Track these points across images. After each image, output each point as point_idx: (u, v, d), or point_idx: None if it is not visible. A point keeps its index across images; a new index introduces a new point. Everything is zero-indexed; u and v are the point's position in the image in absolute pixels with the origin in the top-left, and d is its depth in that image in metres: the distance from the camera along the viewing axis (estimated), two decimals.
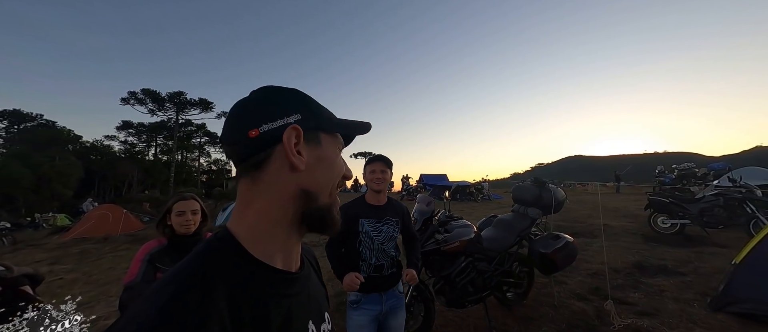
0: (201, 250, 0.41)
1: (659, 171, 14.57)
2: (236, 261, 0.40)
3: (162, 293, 0.35)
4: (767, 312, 2.45)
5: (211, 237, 0.43)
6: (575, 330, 2.63)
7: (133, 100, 29.45)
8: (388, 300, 1.62)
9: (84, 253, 7.92)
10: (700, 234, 5.78)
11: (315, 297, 0.52)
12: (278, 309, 0.41)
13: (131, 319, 0.33)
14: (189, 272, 0.38)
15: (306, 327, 0.46)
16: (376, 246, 1.60)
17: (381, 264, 1.60)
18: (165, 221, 1.55)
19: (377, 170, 1.66)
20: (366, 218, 1.63)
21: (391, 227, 1.65)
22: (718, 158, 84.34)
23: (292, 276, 0.46)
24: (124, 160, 31.29)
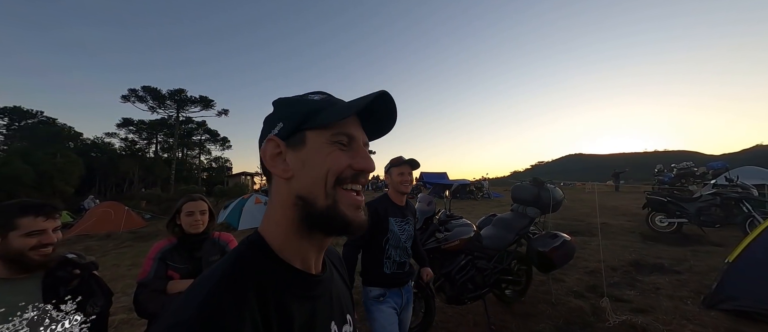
0: (234, 253, 0.44)
1: (658, 169, 14.63)
2: (265, 263, 0.43)
3: (199, 292, 0.37)
4: (758, 309, 2.52)
5: (243, 240, 0.47)
6: (572, 327, 2.70)
7: (133, 97, 29.48)
8: (405, 293, 1.75)
9: (87, 250, 8.01)
10: (697, 233, 5.84)
11: (337, 298, 0.53)
12: (301, 310, 0.43)
13: (172, 316, 0.36)
14: (224, 273, 0.40)
15: (328, 327, 0.47)
16: (401, 245, 1.70)
17: (403, 262, 1.71)
18: (175, 221, 1.61)
19: (406, 173, 1.74)
20: (394, 217, 1.72)
21: (411, 226, 1.77)
22: (717, 157, 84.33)
23: (315, 278, 0.48)
24: (124, 158, 31.35)
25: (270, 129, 0.47)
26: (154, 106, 30.93)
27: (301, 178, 0.44)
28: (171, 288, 1.44)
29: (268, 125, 0.48)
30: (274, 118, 0.48)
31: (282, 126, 0.46)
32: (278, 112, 0.48)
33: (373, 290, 1.68)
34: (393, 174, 1.76)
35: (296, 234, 0.46)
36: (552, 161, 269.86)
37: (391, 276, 1.67)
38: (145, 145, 37.21)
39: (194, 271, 1.51)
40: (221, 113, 34.11)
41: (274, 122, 0.47)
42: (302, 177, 0.44)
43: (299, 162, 0.44)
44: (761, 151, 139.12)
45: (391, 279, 1.67)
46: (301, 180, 0.44)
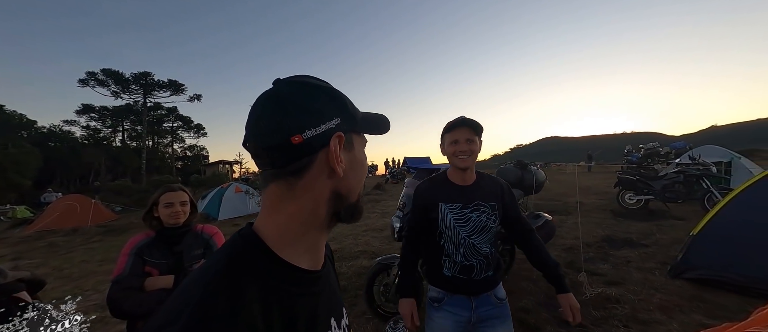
0: (228, 251, 0.41)
1: (627, 150, 15.50)
2: (264, 262, 0.41)
3: (193, 294, 0.35)
4: (717, 277, 2.75)
5: (236, 236, 0.43)
6: (551, 302, 2.83)
7: (92, 81, 27.12)
8: (480, 307, 1.25)
9: (52, 247, 7.48)
10: (662, 208, 6.28)
11: (334, 292, 0.53)
12: (304, 309, 0.42)
13: (164, 318, 0.33)
14: (218, 272, 0.37)
15: (329, 323, 0.47)
16: (462, 240, 1.23)
17: (470, 264, 1.23)
18: (152, 213, 1.48)
19: (462, 140, 1.22)
20: (448, 202, 1.26)
21: (483, 215, 1.24)
22: (678, 137, 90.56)
23: (317, 274, 0.46)
24: (88, 147, 29.15)
25: (324, 118, 0.42)
26: (118, 90, 28.67)
27: (349, 178, 0.45)
28: (149, 285, 1.33)
29: (316, 109, 0.42)
30: (328, 107, 0.43)
31: (340, 122, 0.44)
32: (334, 103, 0.45)
33: (431, 290, 1.33)
34: (445, 144, 1.28)
35: (317, 229, 0.45)
36: (530, 144, 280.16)
37: (452, 280, 1.26)
38: (110, 133, 34.75)
39: (175, 266, 1.41)
40: (193, 98, 32.23)
41: (329, 112, 0.43)
42: (349, 177, 0.46)
43: (349, 162, 0.45)
44: (716, 131, 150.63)
45: (452, 283, 1.26)
46: (347, 179, 0.45)
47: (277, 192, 0.43)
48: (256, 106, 0.42)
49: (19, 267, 5.51)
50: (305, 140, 0.40)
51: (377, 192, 13.47)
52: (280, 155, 0.41)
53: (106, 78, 27.54)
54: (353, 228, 6.43)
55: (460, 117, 1.25)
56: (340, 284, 2.73)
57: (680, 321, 2.35)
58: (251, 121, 0.42)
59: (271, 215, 0.43)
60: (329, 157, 0.42)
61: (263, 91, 0.44)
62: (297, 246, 0.44)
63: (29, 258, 6.38)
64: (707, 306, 2.50)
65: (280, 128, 0.40)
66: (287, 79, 0.45)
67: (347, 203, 0.46)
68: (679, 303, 2.59)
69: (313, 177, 0.42)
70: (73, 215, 10.53)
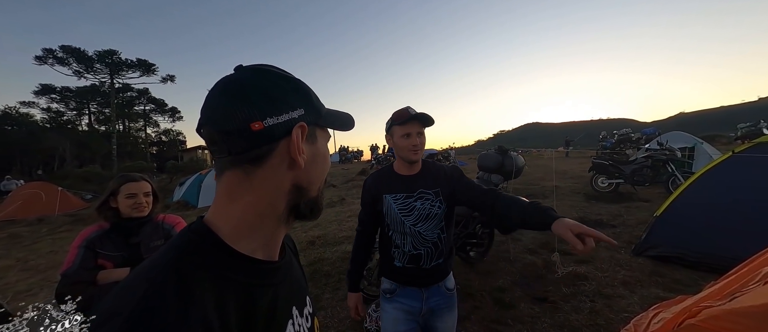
0: (177, 244, 0.39)
1: (603, 136, 16.22)
2: (217, 254, 0.39)
3: (136, 289, 0.33)
4: (675, 254, 2.98)
5: (186, 230, 0.41)
6: (527, 280, 2.98)
7: (51, 58, 24.78)
8: (430, 298, 1.28)
9: (14, 237, 7.03)
10: (630, 191, 6.67)
11: (297, 282, 0.52)
12: (263, 300, 0.41)
13: (108, 309, 0.31)
14: (166, 267, 0.35)
15: (290, 313, 0.47)
16: (408, 230, 1.23)
17: (418, 253, 1.24)
18: (108, 203, 1.39)
19: (414, 133, 1.21)
20: (391, 193, 1.27)
21: (427, 203, 1.23)
22: (649, 124, 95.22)
23: (275, 265, 0.46)
24: (50, 131, 27.09)
25: (287, 107, 0.41)
26: (81, 70, 26.43)
27: (309, 171, 0.45)
28: (102, 278, 1.27)
29: (279, 98, 0.41)
30: (292, 97, 0.43)
31: (303, 113, 0.43)
32: (297, 94, 0.44)
33: (384, 282, 1.35)
34: (395, 136, 1.24)
35: (274, 222, 0.44)
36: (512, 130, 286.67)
37: (402, 271, 1.27)
38: (74, 116, 32.36)
39: (131, 259, 1.35)
40: (166, 79, 30.25)
41: (292, 102, 0.42)
42: (310, 170, 0.45)
43: (311, 154, 0.45)
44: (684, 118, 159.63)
45: (403, 274, 1.28)
46: (308, 172, 0.45)
47: (233, 180, 0.41)
48: (215, 90, 0.41)
49: None
50: (266, 127, 0.39)
51: (362, 178, 13.44)
52: (238, 141, 0.39)
53: (67, 55, 25.25)
54: (337, 214, 6.43)
55: (409, 109, 1.22)
56: (324, 269, 2.75)
57: (640, 294, 2.55)
58: (209, 105, 0.40)
59: (226, 205, 0.42)
60: (291, 147, 0.41)
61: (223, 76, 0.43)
62: (253, 238, 0.43)
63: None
64: (665, 281, 2.72)
65: (239, 114, 0.38)
66: (250, 66, 0.43)
67: (307, 197, 0.46)
68: (640, 279, 2.80)
69: (272, 166, 0.41)
70: (37, 203, 9.90)
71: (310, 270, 3.46)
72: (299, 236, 4.95)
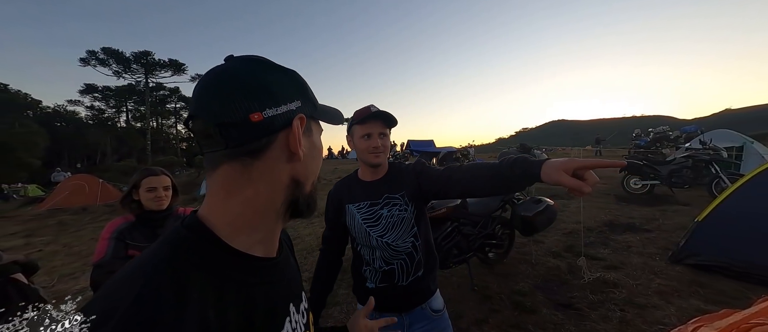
0: (170, 240, 0.37)
1: (636, 134, 15.18)
2: (214, 252, 0.38)
3: (129, 288, 0.31)
4: (718, 263, 2.72)
5: (179, 227, 0.39)
6: (549, 284, 2.84)
7: (93, 60, 26.82)
8: (414, 325, 1.10)
9: (62, 224, 7.70)
10: (667, 193, 6.19)
11: (293, 278, 0.52)
12: (262, 299, 0.41)
13: (97, 320, 0.30)
14: (160, 265, 0.34)
15: (288, 310, 0.46)
16: (375, 242, 1.08)
17: (391, 268, 1.08)
18: (131, 196, 1.46)
19: (375, 133, 1.06)
20: (354, 202, 1.13)
21: (395, 208, 1.08)
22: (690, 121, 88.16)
23: (272, 262, 0.45)
24: (93, 127, 29.34)
25: (285, 99, 0.41)
26: (119, 70, 28.41)
27: (307, 164, 0.45)
28: None
29: (277, 90, 0.40)
30: (289, 89, 0.42)
31: (300, 105, 0.43)
32: (294, 86, 0.43)
33: (359, 308, 1.11)
34: (355, 137, 1.10)
35: (272, 218, 0.44)
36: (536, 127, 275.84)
37: (375, 292, 1.07)
38: (114, 113, 34.83)
39: None
40: (195, 79, 31.81)
41: (290, 94, 0.42)
42: (307, 162, 0.44)
43: (308, 147, 0.44)
44: (730, 114, 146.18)
45: (377, 297, 1.01)
46: (306, 165, 0.44)
47: (230, 174, 0.39)
48: (208, 81, 0.39)
49: (16, 247, 5.68)
50: (266, 119, 0.38)
51: None
52: (236, 133, 0.37)
53: (107, 57, 27.21)
54: None
55: (371, 106, 1.07)
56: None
57: (678, 305, 2.35)
58: (201, 96, 0.39)
59: (223, 201, 0.40)
60: (290, 139, 0.40)
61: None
62: (251, 235, 0.42)
63: (40, 236, 6.58)
64: (706, 292, 2.49)
65: (238, 105, 0.37)
66: (243, 57, 0.42)
67: (303, 192, 0.45)
68: (678, 289, 2.58)
69: (271, 159, 0.40)
70: (81, 194, 10.78)
71: None
72: (317, 231, 5.03)
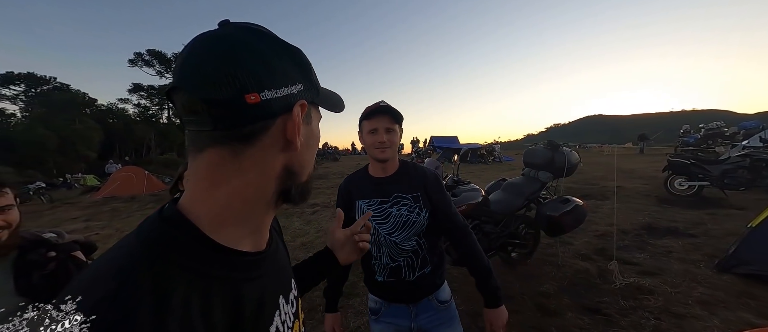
0: (146, 236, 0.33)
1: (684, 130, 13.83)
2: (197, 249, 0.34)
3: (101, 290, 0.28)
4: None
5: (155, 219, 0.35)
6: (576, 288, 2.72)
7: (140, 61, 29.31)
8: (421, 314, 1.15)
9: (115, 211, 8.55)
10: (718, 196, 5.62)
11: (283, 267, 0.49)
12: (250, 295, 0.38)
13: (77, 296, 0.27)
14: (135, 267, 0.30)
15: (277, 303, 0.44)
16: (383, 239, 1.11)
17: (397, 265, 1.12)
18: (178, 187, 1.60)
19: (381, 129, 1.07)
20: (364, 198, 1.14)
21: (405, 209, 1.10)
22: (751, 116, 78.62)
23: (263, 255, 0.42)
24: (139, 123, 32.06)
25: (286, 80, 0.36)
26: (162, 70, 30.76)
27: (303, 153, 0.41)
28: None
29: (278, 69, 0.35)
30: (291, 70, 0.37)
31: (302, 89, 0.38)
32: (297, 67, 0.38)
33: (370, 300, 1.25)
34: (363, 133, 1.12)
35: (262, 209, 0.40)
36: (569, 123, 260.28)
37: (384, 285, 1.15)
38: (157, 110, 37.75)
39: None
40: None
41: (292, 75, 0.36)
42: (304, 152, 0.41)
43: (305, 136, 0.40)
44: None
45: (386, 289, 1.16)
46: (302, 155, 0.41)
47: (216, 160, 0.35)
48: (197, 47, 0.33)
49: (77, 230, 6.37)
50: (263, 101, 0.33)
51: None
52: (226, 114, 0.33)
53: (151, 58, 29.59)
54: None
55: (380, 102, 1.10)
56: None
57: (723, 317, 2.16)
58: (188, 65, 0.33)
59: (208, 190, 0.36)
60: (288, 127, 0.36)
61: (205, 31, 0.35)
62: (238, 228, 0.38)
63: (97, 220, 7.37)
64: (759, 304, 2.26)
65: (232, 81, 0.32)
66: (241, 24, 0.36)
67: (298, 181, 0.42)
68: (724, 299, 2.36)
69: (265, 147, 0.36)
70: (130, 184, 11.86)
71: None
72: (322, 224, 5.17)
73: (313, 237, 4.64)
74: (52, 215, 8.49)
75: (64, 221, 7.55)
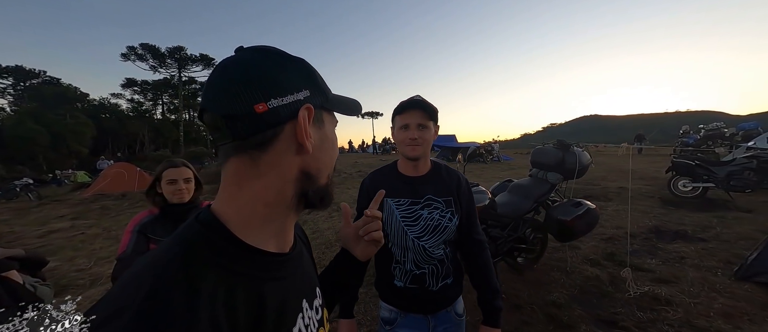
0: (183, 235, 0.37)
1: (683, 131, 13.82)
2: (226, 247, 0.37)
3: (141, 284, 0.31)
4: None
5: (193, 221, 0.39)
6: (587, 296, 2.57)
7: (133, 55, 28.64)
8: (438, 327, 1.09)
9: (104, 209, 8.27)
10: (722, 197, 5.52)
11: (307, 274, 0.51)
12: (273, 294, 0.40)
13: (109, 315, 0.29)
14: (172, 261, 0.34)
15: (300, 306, 0.45)
16: (410, 243, 1.04)
17: (422, 273, 1.05)
18: (155, 189, 1.43)
19: (413, 125, 1.01)
20: (394, 197, 1.06)
21: (436, 212, 1.04)
22: (745, 117, 79.57)
23: (286, 257, 0.44)
24: (132, 119, 31.53)
25: (291, 89, 0.40)
26: (155, 64, 30.14)
27: (317, 156, 0.43)
28: None
29: (283, 79, 0.39)
30: (296, 78, 0.41)
31: (308, 95, 0.41)
32: (301, 75, 0.42)
33: (383, 309, 1.14)
34: (395, 128, 1.08)
35: (283, 211, 0.43)
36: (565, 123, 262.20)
37: (404, 291, 1.06)
38: (151, 106, 37.20)
39: None
40: None
41: (297, 83, 0.40)
42: (318, 155, 0.43)
43: (319, 139, 0.43)
44: None
45: (405, 297, 1.07)
46: (315, 157, 0.43)
47: (239, 167, 0.39)
48: (216, 73, 0.39)
49: (61, 231, 6.10)
50: (270, 109, 0.37)
51: None
52: (242, 125, 0.37)
53: (145, 52, 28.91)
54: None
55: (414, 96, 1.03)
56: None
57: (750, 331, 2.01)
58: (210, 89, 0.39)
59: (233, 195, 0.40)
60: (297, 131, 0.39)
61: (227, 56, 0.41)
62: (263, 230, 0.41)
63: (85, 219, 7.10)
64: None
65: (242, 96, 0.37)
66: (252, 47, 0.41)
67: (316, 185, 0.44)
68: (749, 311, 2.21)
69: (279, 152, 0.39)
70: (121, 181, 11.55)
71: None
72: (336, 226, 4.99)
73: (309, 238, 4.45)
74: (39, 213, 8.20)
75: (51, 219, 7.27)
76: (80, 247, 4.75)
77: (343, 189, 8.87)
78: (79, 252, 4.49)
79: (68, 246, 4.78)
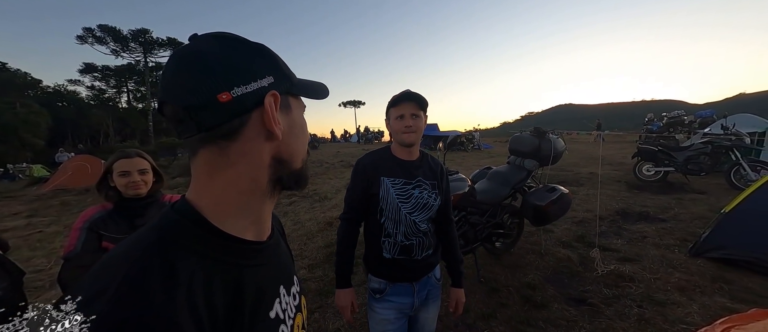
0: (158, 224, 0.37)
1: (648, 118, 14.69)
2: (203, 235, 0.38)
3: (118, 269, 0.31)
4: (744, 257, 2.54)
5: (169, 210, 0.39)
6: (560, 277, 2.70)
7: (90, 38, 26.13)
8: (421, 291, 1.24)
9: (64, 205, 7.69)
10: (681, 181, 5.96)
11: (284, 261, 0.51)
12: (251, 281, 0.40)
13: (86, 299, 0.29)
14: (149, 247, 0.34)
15: (278, 292, 0.46)
16: (403, 218, 1.17)
17: (410, 244, 1.19)
18: (107, 182, 1.30)
19: (407, 115, 1.15)
20: (390, 176, 1.19)
21: (425, 192, 1.20)
22: (703, 106, 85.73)
23: (263, 245, 0.45)
24: (94, 108, 29.20)
25: (255, 75, 0.38)
26: (117, 48, 27.73)
27: (287, 141, 0.43)
28: None
29: (245, 66, 0.38)
30: (258, 65, 0.39)
31: (273, 81, 0.40)
32: (264, 61, 0.40)
33: (371, 280, 1.26)
34: (391, 119, 1.20)
35: (258, 198, 0.43)
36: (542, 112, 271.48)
37: (392, 263, 1.19)
38: (115, 94, 34.53)
39: None
40: None
41: (259, 70, 0.39)
42: (289, 141, 0.43)
43: (287, 124, 0.43)
44: (744, 99, 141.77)
45: (393, 267, 1.20)
46: (286, 143, 0.42)
47: (208, 158, 0.39)
48: (171, 64, 0.38)
49: (16, 229, 5.64)
50: (235, 98, 0.36)
51: None
52: (206, 116, 0.36)
53: (104, 34, 26.47)
54: None
55: (406, 91, 1.19)
56: None
57: (701, 303, 2.20)
58: (167, 80, 0.37)
59: (206, 185, 0.39)
60: (265, 118, 0.39)
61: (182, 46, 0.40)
62: (239, 218, 0.41)
63: (43, 216, 6.56)
64: (732, 289, 2.33)
65: (204, 86, 0.36)
66: (207, 35, 0.40)
67: (291, 169, 0.44)
68: (700, 284, 2.42)
69: (248, 140, 0.39)
70: (84, 175, 10.74)
71: (328, 252, 3.39)
72: (318, 216, 4.92)
73: (289, 230, 4.36)
74: None
75: (4, 217, 6.67)
76: (38, 246, 4.40)
77: (325, 179, 8.74)
78: (36, 252, 4.16)
79: (24, 246, 4.41)
